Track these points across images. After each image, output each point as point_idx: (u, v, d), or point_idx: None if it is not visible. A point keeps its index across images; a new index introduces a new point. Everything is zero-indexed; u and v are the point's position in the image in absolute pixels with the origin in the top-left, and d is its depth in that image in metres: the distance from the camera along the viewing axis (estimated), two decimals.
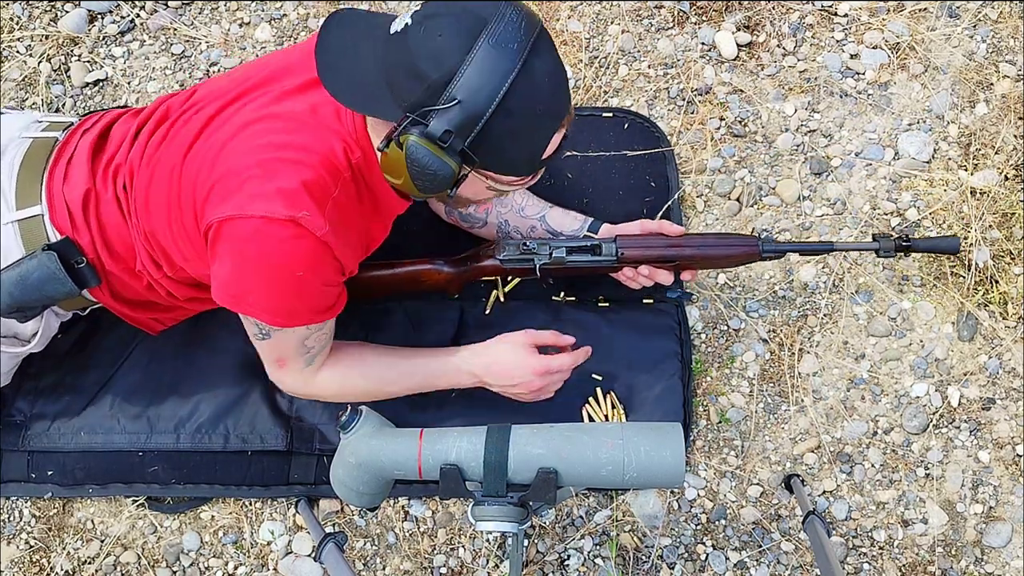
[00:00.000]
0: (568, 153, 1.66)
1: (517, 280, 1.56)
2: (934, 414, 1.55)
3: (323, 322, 1.24)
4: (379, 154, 1.07)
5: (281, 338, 1.24)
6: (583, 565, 1.50)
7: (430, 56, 0.99)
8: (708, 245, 1.39)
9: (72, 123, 1.37)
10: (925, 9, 1.79)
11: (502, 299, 1.57)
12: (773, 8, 1.80)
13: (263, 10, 1.85)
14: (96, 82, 1.81)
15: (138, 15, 1.87)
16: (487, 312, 1.56)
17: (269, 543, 1.53)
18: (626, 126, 1.69)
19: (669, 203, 1.63)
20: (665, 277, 1.41)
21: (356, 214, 1.19)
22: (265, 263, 1.11)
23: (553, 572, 1.50)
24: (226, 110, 1.18)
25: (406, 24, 1.02)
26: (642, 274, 1.41)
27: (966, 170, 1.67)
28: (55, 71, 1.83)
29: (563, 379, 1.39)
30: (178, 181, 1.18)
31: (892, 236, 1.39)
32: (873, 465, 1.53)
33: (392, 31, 1.04)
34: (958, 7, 1.78)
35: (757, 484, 1.53)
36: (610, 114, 1.70)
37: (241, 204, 1.08)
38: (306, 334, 1.24)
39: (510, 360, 1.34)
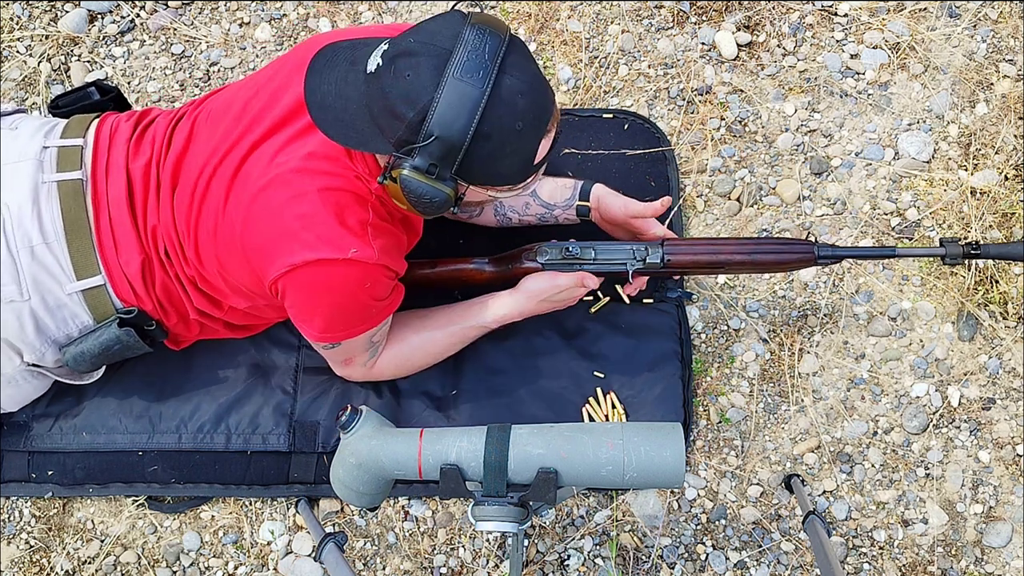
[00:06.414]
0: (568, 151, 1.66)
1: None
2: (934, 414, 1.55)
3: (385, 320, 1.33)
4: (383, 185, 1.12)
5: (350, 344, 1.32)
6: (583, 565, 1.50)
7: (402, 97, 1.03)
8: (760, 252, 1.33)
9: (79, 145, 1.33)
10: (925, 9, 1.79)
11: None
12: (773, 8, 1.80)
13: (263, 10, 1.85)
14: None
15: (138, 15, 1.87)
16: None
17: (269, 543, 1.53)
18: (626, 126, 1.69)
19: (675, 207, 1.62)
20: None
21: (391, 229, 1.25)
22: (334, 297, 1.21)
23: (553, 572, 1.50)
24: (247, 162, 1.21)
25: (378, 64, 1.06)
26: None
27: (966, 170, 1.67)
28: (55, 71, 1.83)
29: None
30: (233, 240, 1.21)
31: (960, 242, 1.29)
32: (873, 465, 1.53)
33: (368, 71, 1.07)
34: (958, 7, 1.78)
35: (757, 484, 1.53)
36: (610, 114, 1.70)
37: (291, 258, 1.16)
38: (372, 333, 1.32)
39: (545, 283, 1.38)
